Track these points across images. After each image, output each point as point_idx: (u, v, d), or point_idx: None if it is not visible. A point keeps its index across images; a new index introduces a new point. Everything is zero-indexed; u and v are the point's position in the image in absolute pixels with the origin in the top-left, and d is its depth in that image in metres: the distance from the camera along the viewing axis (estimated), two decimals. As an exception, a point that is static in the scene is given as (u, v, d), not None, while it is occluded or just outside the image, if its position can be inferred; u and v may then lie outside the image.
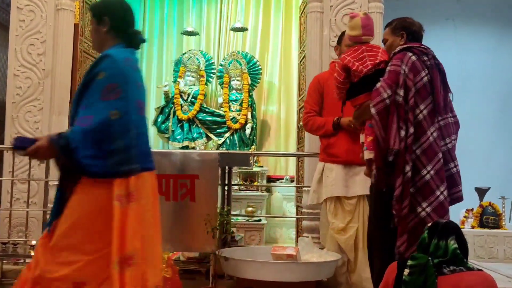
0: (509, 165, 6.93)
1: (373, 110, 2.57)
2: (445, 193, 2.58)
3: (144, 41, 2.32)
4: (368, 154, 2.78)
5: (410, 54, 2.66)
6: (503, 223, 5.45)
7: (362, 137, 2.97)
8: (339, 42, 3.60)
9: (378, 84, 2.62)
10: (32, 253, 3.61)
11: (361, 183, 3.39)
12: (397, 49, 2.73)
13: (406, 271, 2.05)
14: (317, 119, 3.54)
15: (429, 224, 2.18)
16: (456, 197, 2.71)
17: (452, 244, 2.07)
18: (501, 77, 7.20)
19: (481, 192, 5.80)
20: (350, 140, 3.42)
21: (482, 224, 5.40)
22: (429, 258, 2.06)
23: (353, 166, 3.42)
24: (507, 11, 7.28)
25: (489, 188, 5.85)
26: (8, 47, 4.67)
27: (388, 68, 2.66)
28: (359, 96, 2.82)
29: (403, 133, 2.54)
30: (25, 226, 4.21)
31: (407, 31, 2.82)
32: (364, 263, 3.33)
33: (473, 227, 5.37)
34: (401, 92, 2.58)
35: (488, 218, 5.39)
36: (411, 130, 2.55)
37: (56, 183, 2.21)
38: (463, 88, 6.85)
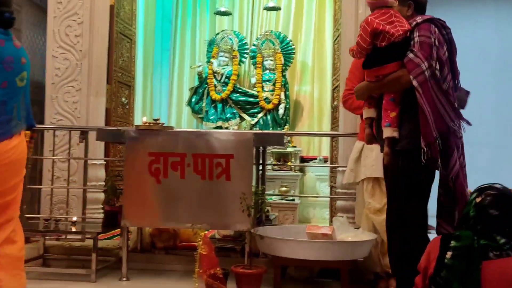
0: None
1: (415, 83, 2.46)
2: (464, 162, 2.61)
3: (12, 18, 2.42)
4: (391, 132, 2.58)
5: (433, 26, 2.56)
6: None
7: (366, 112, 2.80)
8: None
9: (411, 55, 2.50)
10: (74, 229, 3.72)
11: None
12: (419, 20, 2.60)
13: (449, 254, 1.95)
14: None
15: (478, 200, 2.01)
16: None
17: (500, 239, 1.94)
18: (543, 55, 6.95)
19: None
20: None
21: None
22: (475, 239, 1.94)
23: None
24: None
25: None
26: (46, 28, 4.76)
27: (417, 39, 2.53)
28: (388, 65, 2.58)
29: (447, 105, 2.51)
30: (65, 203, 4.34)
31: (414, 1, 2.70)
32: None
33: None
34: (437, 66, 2.51)
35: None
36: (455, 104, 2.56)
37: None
38: (503, 67, 6.63)
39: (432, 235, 2.34)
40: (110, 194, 3.98)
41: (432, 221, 2.66)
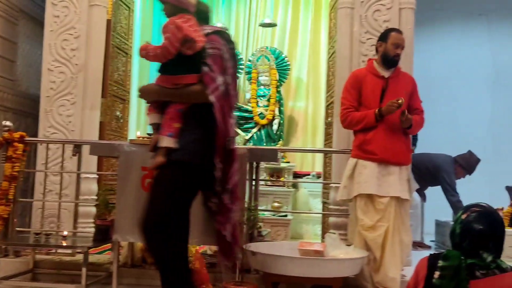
0: (542, 164, 6.77)
1: (212, 98, 2.40)
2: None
3: None
4: (171, 142, 2.47)
5: (222, 38, 2.53)
6: (535, 223, 5.32)
7: (152, 118, 2.63)
8: (384, 38, 3.56)
9: (206, 68, 2.43)
10: (64, 244, 3.70)
11: (394, 184, 3.39)
12: (209, 30, 2.53)
13: (437, 274, 1.95)
14: (355, 113, 3.51)
15: (463, 217, 2.01)
16: None
17: (486, 256, 1.94)
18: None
19: (512, 191, 5.69)
20: (387, 137, 3.41)
21: (512, 223, 5.29)
22: (462, 258, 1.94)
23: (388, 165, 3.42)
24: (543, 6, 7.11)
25: (520, 188, 5.73)
26: (43, 42, 4.78)
27: (210, 51, 2.45)
28: (188, 75, 2.48)
29: (232, 121, 2.53)
30: (57, 217, 4.31)
31: (197, 11, 2.58)
32: (390, 262, 3.32)
33: (503, 227, 5.25)
34: (229, 80, 2.48)
35: (519, 218, 5.27)
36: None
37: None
38: (496, 83, 6.72)
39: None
40: (102, 208, 3.96)
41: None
